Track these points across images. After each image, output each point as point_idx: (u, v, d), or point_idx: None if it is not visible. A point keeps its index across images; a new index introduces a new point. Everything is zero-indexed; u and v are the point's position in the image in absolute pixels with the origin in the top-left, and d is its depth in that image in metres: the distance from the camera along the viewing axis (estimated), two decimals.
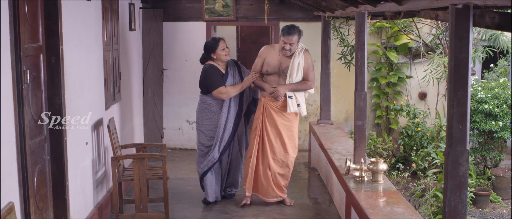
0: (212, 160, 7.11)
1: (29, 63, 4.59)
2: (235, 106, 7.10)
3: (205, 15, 10.09)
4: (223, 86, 6.95)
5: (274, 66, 6.99)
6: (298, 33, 6.89)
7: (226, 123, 7.06)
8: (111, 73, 7.20)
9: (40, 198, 4.80)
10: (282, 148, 7.08)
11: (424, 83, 9.94)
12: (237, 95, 7.08)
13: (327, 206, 7.34)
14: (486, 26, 3.52)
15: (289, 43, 6.85)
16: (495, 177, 9.30)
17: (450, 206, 3.68)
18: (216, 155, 7.10)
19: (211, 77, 6.97)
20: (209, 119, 7.11)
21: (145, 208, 6.45)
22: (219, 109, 7.06)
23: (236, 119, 7.13)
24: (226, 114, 7.05)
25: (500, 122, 9.12)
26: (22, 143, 4.41)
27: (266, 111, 7.07)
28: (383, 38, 10.23)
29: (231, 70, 7.14)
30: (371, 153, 9.37)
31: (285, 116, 7.07)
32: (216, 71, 7.01)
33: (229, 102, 7.05)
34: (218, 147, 7.09)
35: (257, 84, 7.11)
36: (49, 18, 5.05)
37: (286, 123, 7.08)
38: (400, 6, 4.55)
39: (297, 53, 6.94)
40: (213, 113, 7.10)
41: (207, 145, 7.15)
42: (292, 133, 7.14)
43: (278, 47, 7.05)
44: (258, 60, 7.16)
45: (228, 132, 7.09)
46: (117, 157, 6.50)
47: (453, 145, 3.62)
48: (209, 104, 7.09)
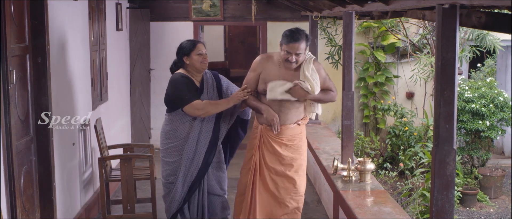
0: (175, 198, 5.53)
1: (15, 63, 4.57)
2: (208, 131, 5.45)
3: (193, 15, 10.08)
4: (199, 100, 5.31)
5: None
6: (306, 39, 5.08)
7: (194, 153, 5.42)
8: (98, 73, 7.17)
9: (26, 199, 4.77)
10: (289, 185, 5.31)
11: (412, 83, 9.97)
12: (211, 117, 5.42)
13: (315, 206, 7.34)
14: (472, 26, 3.53)
15: (295, 52, 5.02)
16: (482, 176, 9.35)
17: (437, 205, 3.69)
18: (179, 192, 5.50)
19: (181, 88, 5.35)
20: (174, 147, 5.49)
21: (133, 209, 6.43)
22: (187, 135, 5.43)
23: (209, 149, 5.46)
24: (195, 141, 5.41)
25: (487, 122, 9.17)
26: (8, 144, 4.38)
27: (264, 142, 5.30)
28: (371, 38, 10.25)
29: (207, 85, 5.52)
30: (359, 152, 9.39)
31: (292, 146, 5.28)
32: (189, 81, 5.41)
33: (200, 125, 5.41)
34: (181, 181, 5.47)
35: (251, 105, 5.34)
36: (36, 18, 5.02)
37: (293, 155, 5.29)
38: (387, 6, 4.56)
39: (306, 66, 5.14)
40: (179, 139, 5.45)
41: (170, 181, 5.57)
42: (301, 164, 5.36)
43: (277, 57, 5.23)
44: (251, 75, 5.32)
45: (196, 165, 5.44)
46: (104, 157, 6.47)
47: (440, 144, 3.63)
48: (175, 127, 5.46)
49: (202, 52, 5.39)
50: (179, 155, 5.45)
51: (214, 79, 5.58)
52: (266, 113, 5.17)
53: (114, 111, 8.34)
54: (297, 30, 5.07)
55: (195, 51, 5.37)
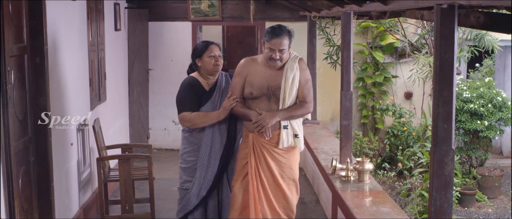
0: (187, 206, 5.30)
1: (13, 64, 4.56)
2: (221, 135, 5.24)
3: (191, 15, 10.07)
4: (188, 112, 5.16)
5: (260, 86, 5.05)
6: (288, 35, 4.99)
7: (209, 159, 5.22)
8: (96, 73, 7.16)
9: (25, 200, 4.76)
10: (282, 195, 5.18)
11: (410, 83, 9.97)
12: (224, 120, 5.19)
13: (313, 206, 7.34)
14: (471, 25, 3.53)
15: (278, 49, 4.91)
16: (480, 176, 9.35)
17: (436, 205, 3.69)
18: (193, 201, 5.27)
19: (184, 94, 5.24)
20: (190, 152, 5.31)
21: (131, 209, 6.42)
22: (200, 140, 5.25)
23: (224, 153, 5.25)
24: (209, 146, 5.21)
25: (485, 122, 9.17)
26: (6, 144, 4.37)
27: (256, 150, 5.09)
28: (369, 38, 10.25)
29: (220, 87, 5.33)
30: (357, 152, 9.39)
31: (282, 153, 5.11)
32: (193, 88, 5.23)
33: (213, 130, 5.21)
34: (196, 190, 5.25)
35: (238, 112, 5.12)
36: (34, 18, 5.01)
37: (286, 162, 5.14)
38: (385, 6, 4.56)
39: (290, 65, 5.03)
40: (193, 144, 5.29)
41: (185, 187, 5.35)
42: (293, 171, 5.23)
43: (261, 59, 5.12)
44: (236, 80, 5.15)
45: (212, 171, 5.23)
46: (103, 157, 6.46)
47: (439, 144, 3.63)
48: (191, 131, 5.28)
49: (215, 54, 5.25)
50: (194, 161, 5.26)
51: (230, 81, 5.33)
52: (254, 118, 4.97)
53: (112, 111, 8.33)
54: (278, 26, 4.96)
55: (207, 53, 5.24)
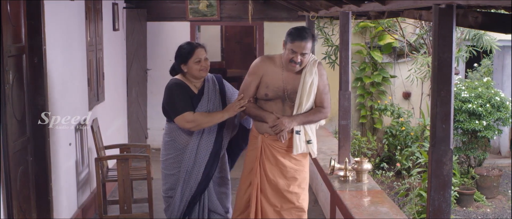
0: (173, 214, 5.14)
1: (11, 64, 4.56)
2: (208, 141, 5.02)
3: (189, 15, 10.07)
4: (190, 112, 4.88)
5: (276, 88, 4.81)
6: (312, 39, 4.74)
7: (193, 166, 5.01)
8: (95, 73, 7.16)
9: (23, 200, 4.76)
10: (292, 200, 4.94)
11: (408, 83, 9.97)
12: (213, 126, 4.98)
13: (312, 206, 7.33)
14: (469, 25, 3.53)
15: (301, 52, 4.66)
16: (479, 176, 9.35)
17: (434, 205, 3.69)
18: (176, 210, 5.09)
19: (174, 97, 4.94)
20: (173, 158, 5.11)
21: (129, 209, 6.42)
22: (185, 146, 5.04)
23: (210, 161, 5.03)
24: (194, 152, 5.00)
25: (483, 121, 9.17)
26: (4, 144, 4.37)
27: (266, 153, 4.89)
28: (367, 38, 10.25)
29: (208, 90, 5.06)
30: (356, 152, 9.39)
31: (294, 158, 4.90)
32: (183, 90, 4.97)
33: (200, 136, 4.99)
34: (179, 198, 5.07)
35: (252, 113, 4.89)
36: (32, 18, 5.01)
37: (297, 167, 4.93)
38: (384, 6, 4.56)
39: (309, 69, 4.79)
40: (177, 150, 5.07)
41: (169, 195, 5.19)
42: (305, 177, 5.01)
43: (279, 60, 4.86)
44: (250, 79, 4.88)
45: (195, 178, 5.02)
46: (101, 158, 6.46)
47: (437, 144, 3.63)
48: (174, 137, 5.06)
49: (201, 59, 4.92)
50: (178, 168, 5.06)
51: (217, 83, 5.13)
52: (272, 122, 4.75)
53: (110, 111, 8.33)
54: (303, 28, 4.74)
55: (192, 59, 4.91)
